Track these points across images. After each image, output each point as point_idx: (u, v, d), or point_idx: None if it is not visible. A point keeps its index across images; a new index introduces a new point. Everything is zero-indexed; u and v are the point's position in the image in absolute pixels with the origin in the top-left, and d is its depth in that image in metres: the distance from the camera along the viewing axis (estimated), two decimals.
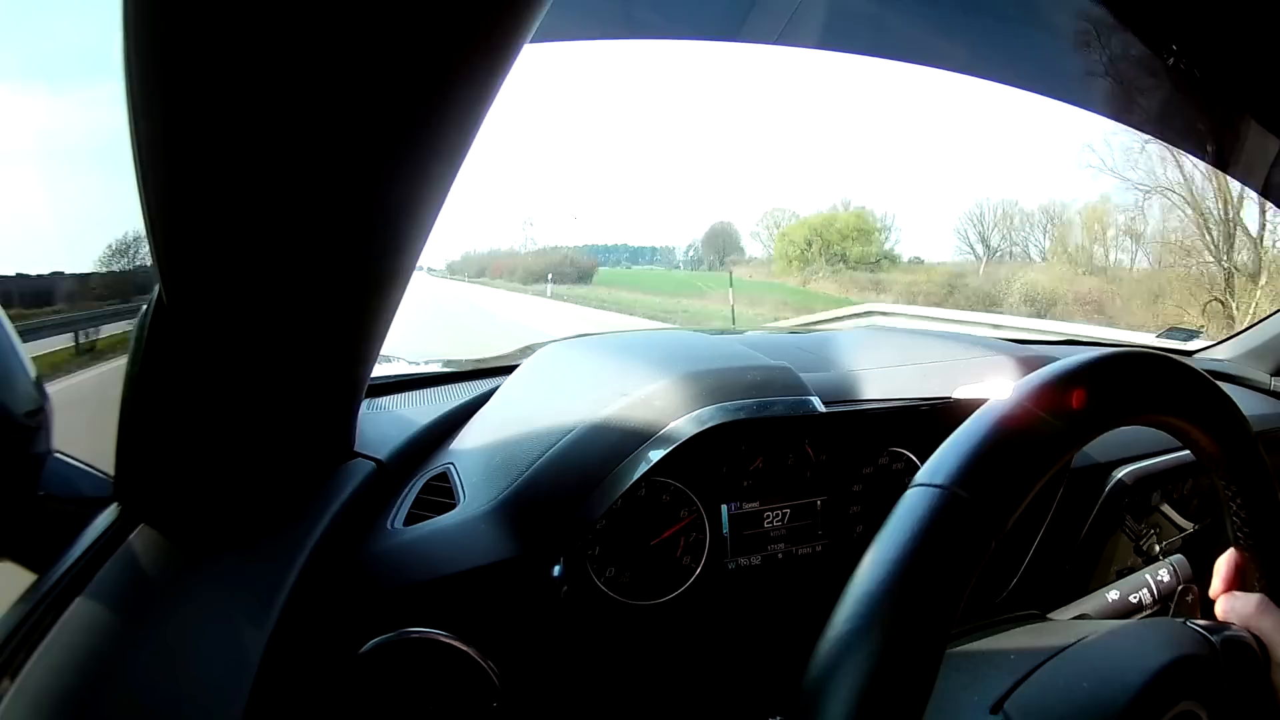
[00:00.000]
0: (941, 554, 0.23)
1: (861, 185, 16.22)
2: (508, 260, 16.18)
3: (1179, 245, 6.70)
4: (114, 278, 0.70)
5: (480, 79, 0.25)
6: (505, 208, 20.50)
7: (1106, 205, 8.36)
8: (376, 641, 0.40)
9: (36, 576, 0.35)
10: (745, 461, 0.58)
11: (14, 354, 0.35)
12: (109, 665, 0.30)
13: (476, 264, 16.10)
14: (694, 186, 16.34)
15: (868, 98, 12.40)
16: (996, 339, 0.79)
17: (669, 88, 15.30)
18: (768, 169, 14.15)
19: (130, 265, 0.62)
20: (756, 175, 13.99)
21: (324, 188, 0.27)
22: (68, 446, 0.38)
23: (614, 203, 15.41)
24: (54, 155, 0.72)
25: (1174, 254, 6.85)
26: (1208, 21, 0.57)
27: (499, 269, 16.95)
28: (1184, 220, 6.70)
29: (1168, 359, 0.31)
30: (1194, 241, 6.52)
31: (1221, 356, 1.09)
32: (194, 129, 0.24)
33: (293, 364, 0.36)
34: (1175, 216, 6.92)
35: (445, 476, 0.52)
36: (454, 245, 16.59)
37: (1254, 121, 0.71)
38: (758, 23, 0.78)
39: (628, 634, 0.53)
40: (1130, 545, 0.71)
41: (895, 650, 0.22)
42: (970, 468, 0.25)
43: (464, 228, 23.97)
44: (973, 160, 19.38)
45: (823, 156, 13.86)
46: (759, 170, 13.66)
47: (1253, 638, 0.33)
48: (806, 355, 0.67)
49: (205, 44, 0.22)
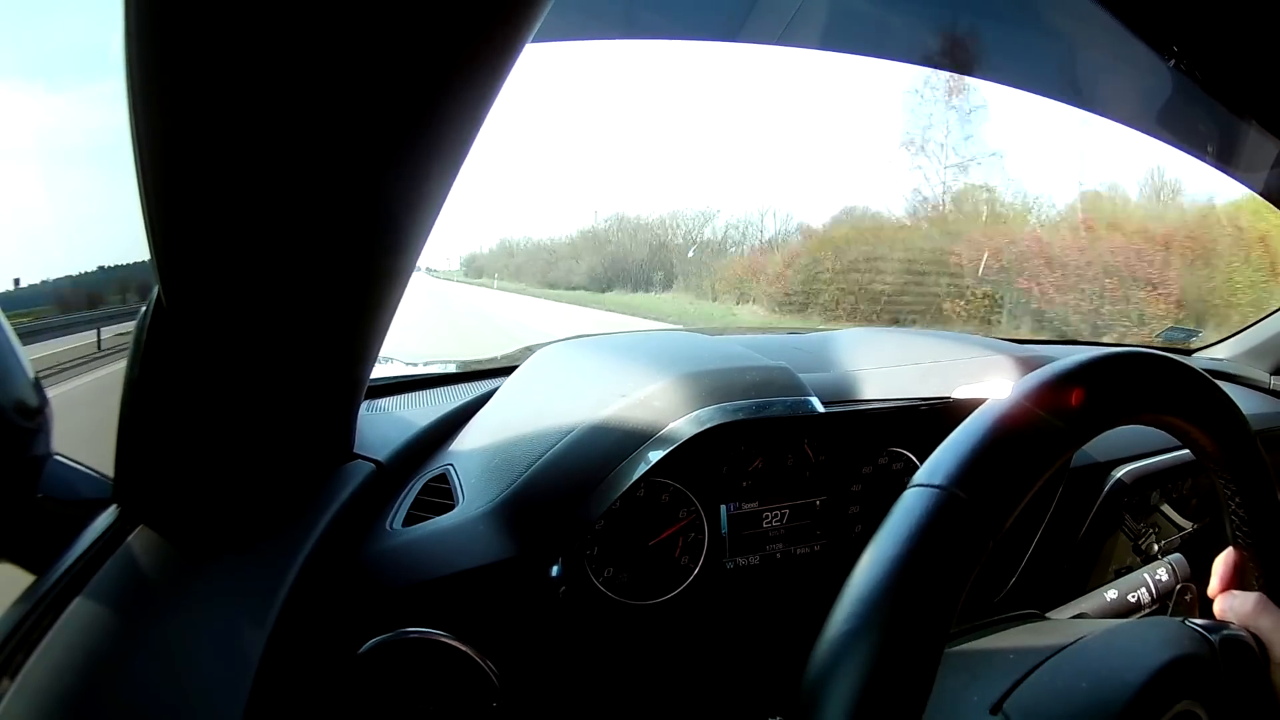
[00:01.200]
0: (939, 554, 0.23)
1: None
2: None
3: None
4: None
5: (481, 79, 0.26)
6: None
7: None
8: (376, 641, 0.40)
9: (36, 577, 0.35)
10: (744, 462, 0.58)
11: (13, 355, 0.34)
12: (108, 666, 0.30)
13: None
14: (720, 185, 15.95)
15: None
16: (995, 339, 0.79)
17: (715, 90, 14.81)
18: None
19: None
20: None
21: (324, 188, 0.27)
22: (66, 449, 0.38)
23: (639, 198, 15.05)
24: (53, 155, 0.72)
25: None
26: (1208, 22, 0.57)
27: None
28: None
29: (1167, 358, 0.31)
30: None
31: (1221, 356, 1.09)
32: (194, 129, 0.24)
33: (292, 365, 0.36)
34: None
35: (444, 477, 0.52)
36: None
37: (1254, 122, 0.71)
38: (758, 23, 0.78)
39: (626, 634, 0.53)
40: (1129, 545, 0.71)
41: (893, 651, 0.22)
42: (968, 468, 0.25)
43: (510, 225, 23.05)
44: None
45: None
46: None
47: (1251, 637, 0.33)
48: (805, 355, 0.67)
49: (205, 44, 0.22)
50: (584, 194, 23.08)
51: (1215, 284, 3.54)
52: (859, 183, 14.32)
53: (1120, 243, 4.53)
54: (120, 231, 0.64)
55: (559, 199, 20.03)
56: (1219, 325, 1.88)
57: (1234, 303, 3.23)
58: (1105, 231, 4.90)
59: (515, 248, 13.30)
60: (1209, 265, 3.68)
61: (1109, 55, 0.73)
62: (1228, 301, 3.40)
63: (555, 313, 8.88)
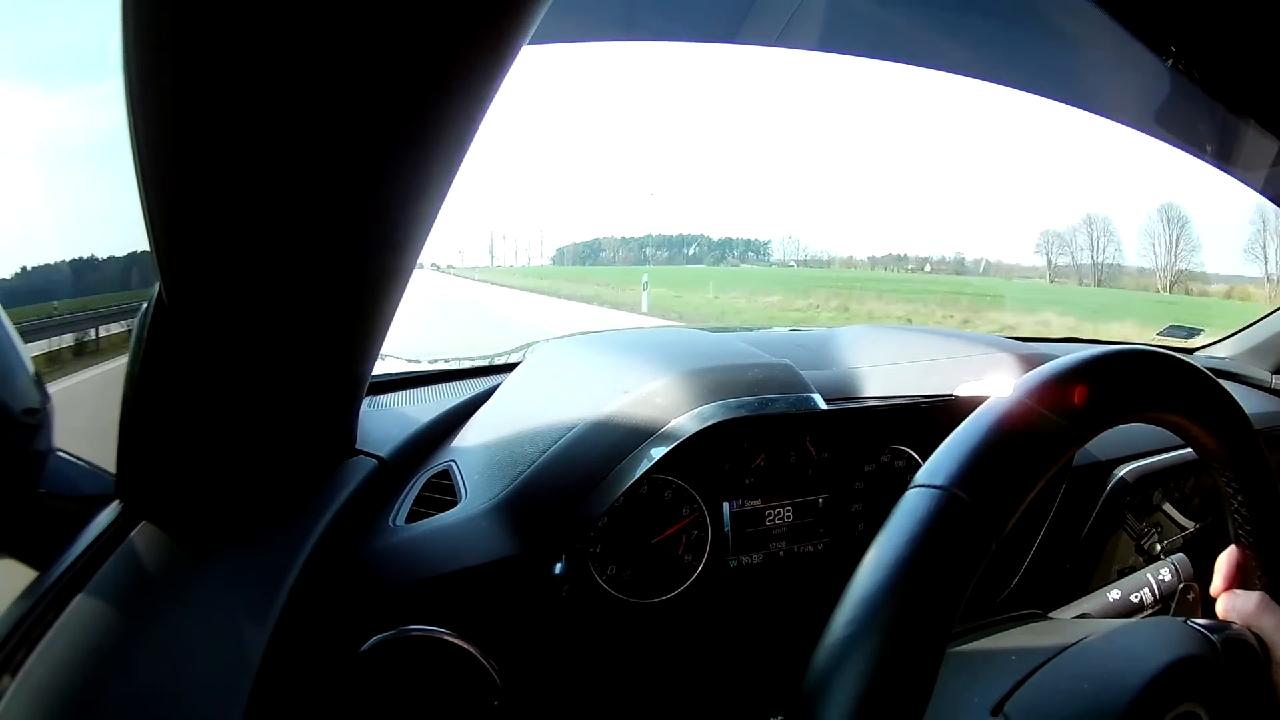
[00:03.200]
0: (941, 556, 0.23)
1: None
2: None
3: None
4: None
5: (479, 79, 0.26)
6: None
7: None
8: (378, 639, 0.40)
9: (38, 574, 0.35)
10: (747, 459, 0.58)
11: (14, 352, 0.34)
12: (110, 662, 0.30)
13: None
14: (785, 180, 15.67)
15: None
16: (998, 336, 0.79)
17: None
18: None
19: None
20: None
21: (324, 186, 0.27)
22: (68, 445, 0.38)
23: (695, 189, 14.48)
24: (53, 154, 0.72)
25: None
26: (1208, 22, 0.57)
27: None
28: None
29: (1169, 356, 0.31)
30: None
31: (1223, 354, 1.09)
32: (194, 128, 0.24)
33: (294, 361, 0.36)
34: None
35: (447, 474, 0.52)
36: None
37: (1254, 121, 0.71)
38: (757, 24, 0.78)
39: (629, 632, 0.53)
40: (1131, 544, 0.71)
41: (895, 653, 0.22)
42: (969, 469, 0.25)
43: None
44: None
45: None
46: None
47: (1253, 636, 0.33)
48: (807, 352, 0.67)
49: (204, 44, 0.22)
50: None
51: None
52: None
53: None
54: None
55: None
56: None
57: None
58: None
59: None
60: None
61: (1108, 55, 0.73)
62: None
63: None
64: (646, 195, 27.13)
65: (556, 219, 21.83)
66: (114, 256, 0.71)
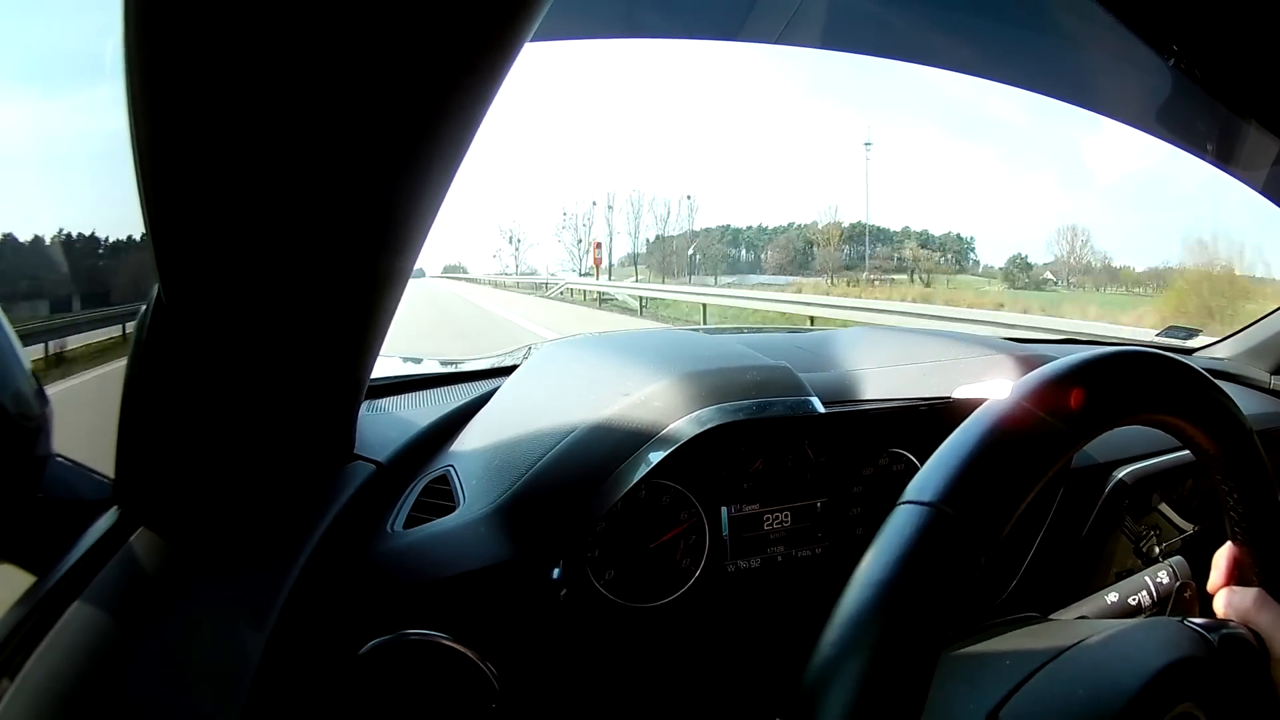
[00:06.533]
0: (927, 575, 0.23)
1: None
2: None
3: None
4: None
5: (480, 79, 0.26)
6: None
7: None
8: (376, 643, 0.40)
9: (36, 579, 0.35)
10: (745, 463, 0.58)
11: (13, 356, 0.34)
12: (108, 667, 0.30)
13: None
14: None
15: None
16: (995, 338, 0.79)
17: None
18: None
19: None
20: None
21: (323, 187, 0.27)
22: (66, 449, 0.38)
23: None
24: (54, 156, 0.72)
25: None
26: (1209, 22, 0.57)
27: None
28: None
29: (1166, 358, 0.31)
30: None
31: (1221, 355, 1.09)
32: (194, 130, 0.24)
33: (292, 365, 0.36)
34: None
35: (445, 479, 0.52)
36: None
37: (1254, 121, 0.71)
38: (758, 23, 0.78)
39: (627, 636, 0.53)
40: (1130, 546, 0.71)
41: (882, 671, 0.22)
42: (957, 483, 0.25)
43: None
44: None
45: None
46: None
47: (1251, 634, 0.33)
48: (805, 355, 0.67)
49: (205, 46, 0.22)
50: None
51: None
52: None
53: None
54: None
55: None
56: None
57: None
58: None
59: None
60: None
61: (1109, 54, 0.73)
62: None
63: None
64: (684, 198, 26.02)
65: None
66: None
